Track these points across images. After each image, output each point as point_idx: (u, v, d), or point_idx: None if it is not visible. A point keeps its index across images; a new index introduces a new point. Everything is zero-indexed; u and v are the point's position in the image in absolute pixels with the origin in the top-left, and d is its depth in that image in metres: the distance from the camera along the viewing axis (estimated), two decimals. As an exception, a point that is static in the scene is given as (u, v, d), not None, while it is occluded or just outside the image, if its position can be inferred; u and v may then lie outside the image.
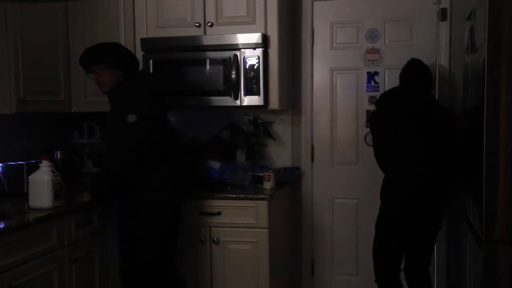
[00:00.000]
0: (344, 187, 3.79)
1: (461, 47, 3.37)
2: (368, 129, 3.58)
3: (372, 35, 3.67)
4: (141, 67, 3.46)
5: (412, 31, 3.61)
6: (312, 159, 3.84)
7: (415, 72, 3.28)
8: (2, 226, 2.47)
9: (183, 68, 3.42)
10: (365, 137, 3.70)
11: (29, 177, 2.86)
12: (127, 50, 3.06)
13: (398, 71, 3.34)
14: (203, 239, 3.24)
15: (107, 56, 2.92)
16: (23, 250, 2.53)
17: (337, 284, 3.85)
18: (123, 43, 3.53)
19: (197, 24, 3.42)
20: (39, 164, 2.84)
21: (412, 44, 3.61)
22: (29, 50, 3.11)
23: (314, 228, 3.86)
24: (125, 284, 3.10)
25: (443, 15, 3.55)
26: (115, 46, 3.03)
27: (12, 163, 3.22)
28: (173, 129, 3.15)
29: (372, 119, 3.37)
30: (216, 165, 3.38)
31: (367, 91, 3.70)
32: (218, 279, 3.24)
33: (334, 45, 3.75)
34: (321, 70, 3.79)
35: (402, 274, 3.27)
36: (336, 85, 3.77)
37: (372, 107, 3.55)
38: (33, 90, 3.13)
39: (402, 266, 3.27)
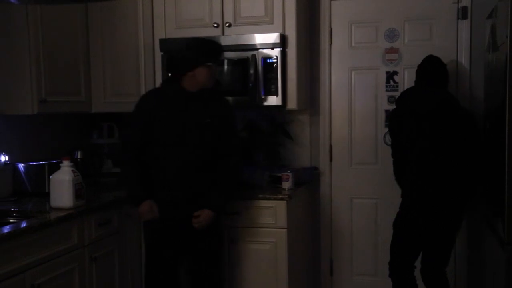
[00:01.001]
0: (363, 187, 3.77)
1: (482, 46, 3.33)
2: (387, 129, 3.55)
3: (391, 35, 3.64)
4: (161, 67, 3.50)
5: (432, 30, 3.58)
6: (331, 159, 3.82)
7: (430, 69, 3.24)
8: (24, 225, 2.51)
9: (202, 68, 3.43)
10: (384, 136, 3.67)
11: (51, 177, 2.90)
12: None
13: (418, 71, 3.31)
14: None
15: None
16: (45, 249, 2.57)
17: (356, 284, 3.83)
18: (142, 44, 3.57)
19: (215, 25, 3.43)
20: (60, 164, 2.88)
21: (432, 43, 3.57)
22: (50, 52, 3.14)
23: (333, 228, 3.85)
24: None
25: (463, 13, 3.51)
26: None
27: (34, 163, 3.26)
28: None
29: (390, 118, 3.37)
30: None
31: (386, 90, 3.68)
32: (236, 279, 3.25)
33: (353, 45, 3.73)
34: (340, 69, 3.77)
35: (417, 275, 3.24)
36: (354, 84, 3.75)
37: (391, 107, 3.53)
38: (54, 91, 3.16)
39: (417, 266, 3.24)
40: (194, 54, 2.79)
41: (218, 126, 2.86)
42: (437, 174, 3.05)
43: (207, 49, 2.82)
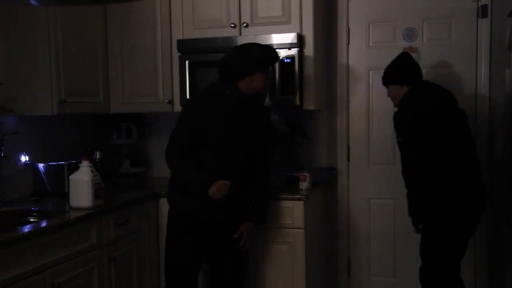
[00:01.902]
0: (381, 187, 3.75)
1: (502, 44, 3.29)
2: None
3: (410, 34, 3.61)
4: (178, 68, 3.52)
5: (451, 29, 3.54)
6: (348, 159, 3.81)
7: (414, 69, 3.17)
8: (45, 225, 2.54)
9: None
10: (401, 138, 3.64)
11: (70, 177, 2.93)
12: None
13: (437, 70, 3.28)
14: (239, 239, 3.25)
15: None
16: (64, 249, 2.60)
17: (373, 285, 3.81)
18: (160, 44, 3.59)
19: (232, 25, 3.44)
20: (79, 164, 2.90)
21: (451, 42, 3.54)
22: (69, 53, 3.16)
23: (350, 228, 3.83)
24: None
25: (483, 12, 3.47)
26: None
27: (54, 163, 3.30)
28: None
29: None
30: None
31: (405, 90, 3.65)
32: (254, 279, 3.25)
33: (370, 44, 3.71)
34: (357, 69, 3.75)
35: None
36: (372, 84, 3.73)
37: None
38: (73, 92, 3.19)
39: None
40: (252, 60, 2.79)
41: (264, 133, 2.93)
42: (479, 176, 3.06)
43: (265, 56, 2.84)
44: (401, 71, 3.16)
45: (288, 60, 3.31)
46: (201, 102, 2.82)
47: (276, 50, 3.26)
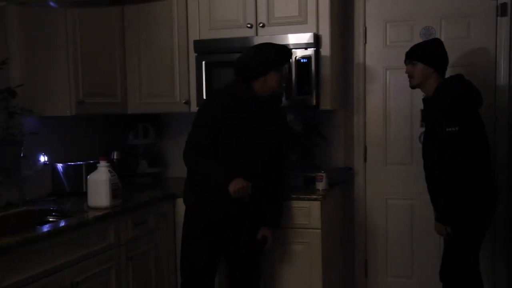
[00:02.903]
0: (398, 188, 3.73)
1: (522, 43, 3.25)
2: (423, 129, 3.49)
3: (428, 33, 3.58)
4: (195, 68, 3.53)
5: (470, 28, 3.50)
6: (365, 159, 3.79)
7: (446, 57, 3.05)
8: (63, 224, 2.57)
9: (235, 69, 3.44)
10: (419, 136, 3.61)
11: (88, 177, 2.95)
12: None
13: (456, 69, 3.22)
14: (255, 239, 3.25)
15: None
16: (82, 248, 2.62)
17: (391, 286, 3.79)
18: (176, 45, 3.60)
19: (248, 25, 3.44)
20: (97, 164, 2.93)
21: (470, 41, 3.50)
22: (87, 54, 3.19)
23: (367, 229, 3.81)
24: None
25: (502, 10, 3.42)
26: None
27: (72, 163, 3.33)
28: None
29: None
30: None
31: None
32: (270, 279, 3.25)
33: (388, 44, 3.69)
34: (374, 69, 3.73)
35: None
36: (389, 84, 3.71)
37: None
38: (91, 93, 3.22)
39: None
40: (266, 60, 2.78)
41: (280, 134, 2.92)
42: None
43: (278, 55, 2.83)
44: (437, 53, 3.02)
45: (305, 60, 3.30)
46: (217, 102, 2.82)
47: (293, 50, 3.27)
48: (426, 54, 3.01)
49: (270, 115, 2.89)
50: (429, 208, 3.26)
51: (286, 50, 2.90)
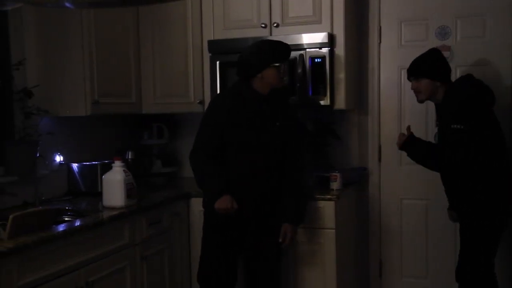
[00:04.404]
0: (413, 188, 3.70)
1: (539, 42, 3.21)
2: (437, 128, 3.46)
3: (443, 32, 3.55)
4: (209, 68, 3.53)
5: (486, 27, 3.47)
6: (380, 159, 3.77)
7: (448, 65, 3.04)
8: (79, 224, 2.59)
9: (249, 69, 3.43)
10: (434, 136, 3.58)
11: (103, 177, 2.97)
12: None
13: (471, 69, 3.20)
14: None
15: None
16: (98, 248, 2.64)
17: (406, 286, 3.76)
18: (190, 45, 3.61)
19: (263, 25, 3.44)
20: (112, 164, 2.95)
21: (485, 40, 3.47)
22: (102, 54, 3.21)
23: (382, 229, 3.79)
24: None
25: (518, 9, 3.39)
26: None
27: (87, 163, 3.35)
28: None
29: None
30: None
31: (437, 89, 3.59)
32: (284, 280, 3.24)
33: (402, 43, 3.67)
34: (389, 68, 3.71)
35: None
36: (404, 83, 3.67)
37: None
38: (106, 93, 3.23)
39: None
40: (260, 55, 2.79)
41: (286, 131, 2.89)
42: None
43: (273, 50, 2.82)
44: (437, 65, 3.01)
45: (319, 60, 3.30)
46: (222, 102, 2.85)
47: (307, 50, 3.26)
48: (429, 69, 3.01)
49: (275, 113, 2.87)
50: (444, 208, 3.24)
51: (281, 45, 2.88)
